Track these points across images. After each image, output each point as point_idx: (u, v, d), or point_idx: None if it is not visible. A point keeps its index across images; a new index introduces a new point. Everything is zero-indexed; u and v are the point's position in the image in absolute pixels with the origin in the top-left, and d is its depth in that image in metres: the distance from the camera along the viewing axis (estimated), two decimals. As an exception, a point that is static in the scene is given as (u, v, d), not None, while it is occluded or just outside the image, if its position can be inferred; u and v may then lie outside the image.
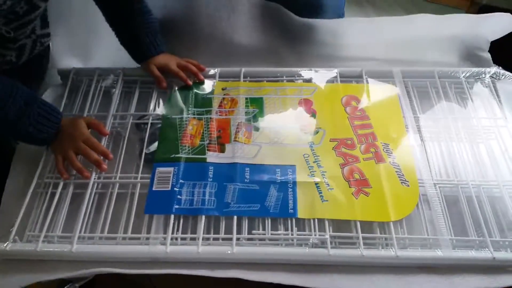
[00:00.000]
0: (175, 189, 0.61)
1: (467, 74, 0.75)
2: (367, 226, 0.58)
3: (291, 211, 0.59)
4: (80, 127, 0.64)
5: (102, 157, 0.64)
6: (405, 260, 0.55)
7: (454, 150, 0.66)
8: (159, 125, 0.69)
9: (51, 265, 0.56)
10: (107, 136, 0.68)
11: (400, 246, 0.56)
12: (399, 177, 0.62)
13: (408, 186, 0.61)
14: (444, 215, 0.59)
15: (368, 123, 0.69)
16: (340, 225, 0.59)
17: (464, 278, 0.54)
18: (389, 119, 0.69)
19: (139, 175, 0.64)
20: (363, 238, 0.56)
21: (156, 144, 0.67)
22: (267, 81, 0.75)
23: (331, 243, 0.56)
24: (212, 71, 0.76)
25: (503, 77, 0.74)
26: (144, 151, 0.66)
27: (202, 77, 0.75)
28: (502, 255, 0.54)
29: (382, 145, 0.66)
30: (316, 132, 0.68)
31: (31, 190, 0.62)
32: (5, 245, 0.56)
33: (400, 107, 0.70)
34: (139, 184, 0.63)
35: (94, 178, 0.63)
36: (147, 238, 0.57)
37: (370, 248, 0.56)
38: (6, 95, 0.57)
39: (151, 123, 0.70)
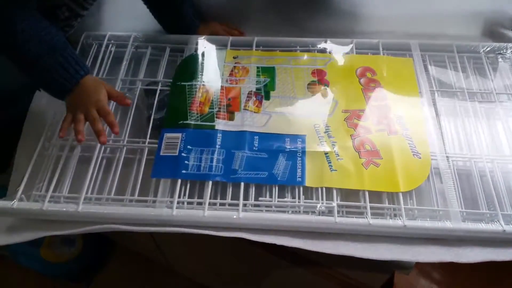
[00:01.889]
0: (182, 154, 0.60)
1: (487, 49, 0.72)
2: (376, 196, 0.57)
3: (299, 179, 0.58)
4: (100, 93, 0.62)
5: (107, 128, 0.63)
6: (412, 230, 0.53)
7: (470, 125, 0.64)
8: (168, 92, 0.69)
9: (58, 224, 0.57)
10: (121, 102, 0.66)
11: (408, 217, 0.55)
12: (411, 149, 0.61)
13: (420, 158, 0.60)
14: (456, 188, 0.57)
15: (382, 95, 0.67)
16: (349, 195, 0.58)
17: (471, 250, 0.53)
18: (404, 92, 0.67)
19: (147, 140, 0.63)
20: (371, 208, 0.55)
21: (164, 110, 0.66)
22: (280, 50, 0.74)
23: (338, 212, 0.55)
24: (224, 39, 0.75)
25: (524, 52, 0.71)
26: (153, 116, 0.65)
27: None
28: (513, 228, 0.53)
29: (396, 117, 0.64)
30: (328, 103, 0.66)
31: (37, 152, 0.62)
32: (11, 203, 0.56)
33: (416, 80, 0.68)
34: (146, 149, 0.62)
35: (102, 142, 0.63)
36: (154, 201, 0.57)
37: (377, 218, 0.55)
38: (37, 31, 0.57)
39: (161, 90, 0.69)
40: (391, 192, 0.57)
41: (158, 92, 0.68)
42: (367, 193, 0.57)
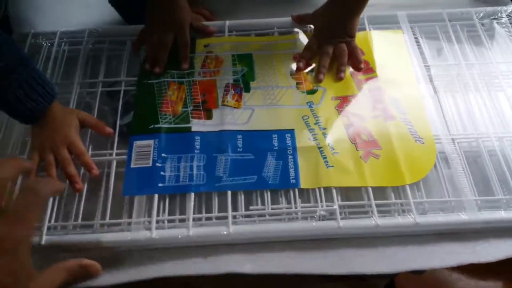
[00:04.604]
0: (157, 164, 0.53)
1: (481, 15, 0.66)
2: (379, 192, 0.51)
3: (292, 181, 0.51)
4: (70, 126, 0.54)
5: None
6: (425, 227, 0.48)
7: (471, 100, 0.59)
8: (134, 92, 0.60)
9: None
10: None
11: (418, 212, 0.49)
12: (412, 134, 0.55)
13: (423, 143, 0.54)
14: (466, 173, 0.52)
15: (373, 76, 0.60)
16: (349, 193, 0.52)
17: (489, 245, 0.48)
18: (397, 70, 0.61)
19: (114, 151, 0.55)
20: (376, 205, 0.49)
21: (131, 114, 0.58)
22: (256, 34, 0.66)
23: (340, 213, 0.49)
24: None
25: (521, 15, 0.66)
26: (118, 123, 0.57)
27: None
28: (535, 214, 0.48)
29: (391, 101, 0.58)
30: (315, 91, 0.59)
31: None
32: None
33: (409, 56, 0.62)
34: (114, 162, 0.54)
35: (62, 158, 0.54)
36: (129, 224, 0.49)
37: (385, 217, 0.49)
38: (5, 41, 0.49)
39: (125, 91, 0.60)
40: (396, 185, 0.51)
41: (122, 93, 0.60)
42: (370, 190, 0.50)
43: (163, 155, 0.53)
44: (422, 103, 0.57)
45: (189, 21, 0.63)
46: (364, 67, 0.61)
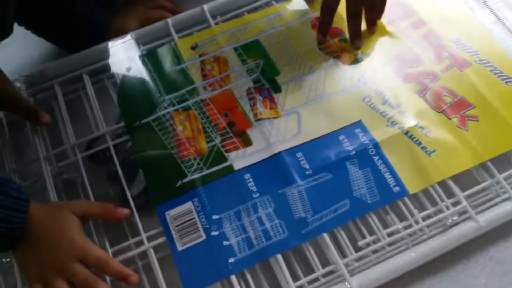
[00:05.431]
0: (213, 233, 0.37)
1: None
2: (495, 162, 0.40)
3: (396, 189, 0.38)
4: (71, 228, 0.36)
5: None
6: None
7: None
8: (130, 144, 0.43)
9: None
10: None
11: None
12: (498, 76, 0.44)
13: (516, 83, 0.43)
14: None
15: (418, 19, 0.47)
16: (461, 179, 0.40)
17: None
18: (441, 3, 0.48)
19: (143, 236, 0.38)
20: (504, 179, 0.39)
21: (140, 175, 0.41)
22: (248, 12, 0.50)
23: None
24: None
25: None
26: (129, 195, 0.40)
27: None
28: None
29: (454, 43, 0.46)
30: (360, 60, 0.45)
31: None
32: None
33: (446, -20, 0.49)
34: (151, 251, 0.38)
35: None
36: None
37: (519, 190, 0.38)
38: None
39: (115, 146, 0.42)
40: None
41: (113, 151, 0.42)
42: (490, 164, 0.39)
43: (214, 217, 0.38)
44: (489, 33, 0.46)
45: None
46: (402, 12, 0.48)
